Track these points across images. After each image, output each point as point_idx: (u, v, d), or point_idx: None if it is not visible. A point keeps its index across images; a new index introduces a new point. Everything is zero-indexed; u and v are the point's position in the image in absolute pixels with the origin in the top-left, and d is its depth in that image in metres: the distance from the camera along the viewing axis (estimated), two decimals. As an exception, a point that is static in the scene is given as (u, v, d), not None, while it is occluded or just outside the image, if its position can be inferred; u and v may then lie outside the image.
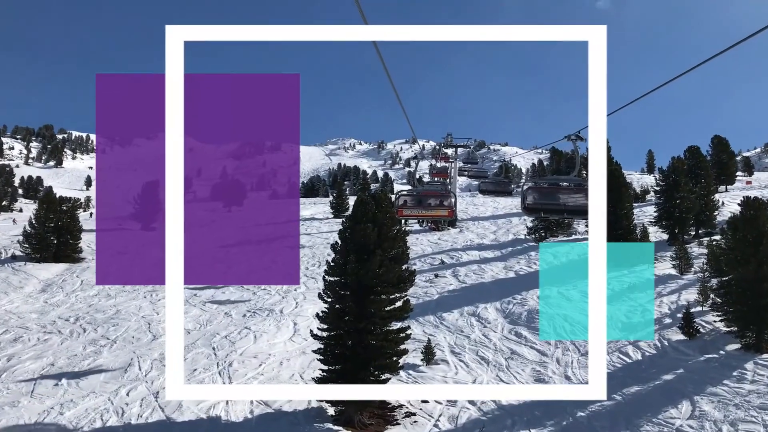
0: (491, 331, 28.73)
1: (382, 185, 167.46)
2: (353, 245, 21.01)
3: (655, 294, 30.80)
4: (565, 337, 27.04)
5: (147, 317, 31.55)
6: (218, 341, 27.21)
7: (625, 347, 25.26)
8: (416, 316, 31.10)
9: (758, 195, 60.13)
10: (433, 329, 29.49)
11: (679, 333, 25.41)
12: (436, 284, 37.30)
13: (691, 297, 29.19)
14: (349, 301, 20.55)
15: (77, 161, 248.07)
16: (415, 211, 20.33)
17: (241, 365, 24.34)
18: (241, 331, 28.49)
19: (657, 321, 27.28)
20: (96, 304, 34.65)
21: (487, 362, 25.28)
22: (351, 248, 20.93)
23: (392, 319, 21.34)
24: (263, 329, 28.87)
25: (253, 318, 30.99)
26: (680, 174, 40.94)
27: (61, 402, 20.32)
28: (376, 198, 21.91)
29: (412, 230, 56.85)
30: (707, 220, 42.11)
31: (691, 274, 33.54)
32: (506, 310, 31.08)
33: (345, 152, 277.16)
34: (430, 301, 33.89)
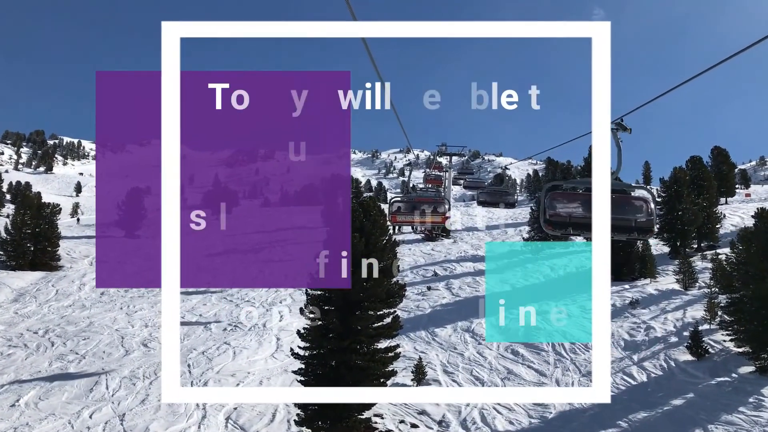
0: (486, 348, 27.05)
1: (375, 194, 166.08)
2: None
3: (659, 310, 29.26)
4: (564, 356, 25.41)
5: (121, 330, 29.70)
6: (194, 358, 25.41)
7: (629, 368, 23.65)
8: (407, 332, 29.42)
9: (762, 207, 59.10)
10: (425, 346, 27.78)
11: (686, 353, 23.81)
12: (429, 297, 35.61)
13: (698, 314, 27.64)
14: (333, 317, 18.89)
15: (68, 167, 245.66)
16: (408, 217, 19.25)
17: (216, 385, 22.55)
18: (220, 347, 26.70)
19: (662, 339, 25.70)
20: (69, 316, 32.75)
21: (482, 383, 23.60)
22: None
23: (380, 336, 19.68)
24: (244, 344, 27.09)
25: (234, 332, 29.19)
26: (683, 185, 39.51)
27: (15, 426, 18.50)
28: (364, 205, 20.28)
29: (404, 240, 55.21)
30: (710, 233, 40.65)
31: (695, 290, 32.02)
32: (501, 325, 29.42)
33: (339, 161, 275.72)
34: (422, 316, 32.20)
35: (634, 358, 24.38)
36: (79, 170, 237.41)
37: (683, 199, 39.13)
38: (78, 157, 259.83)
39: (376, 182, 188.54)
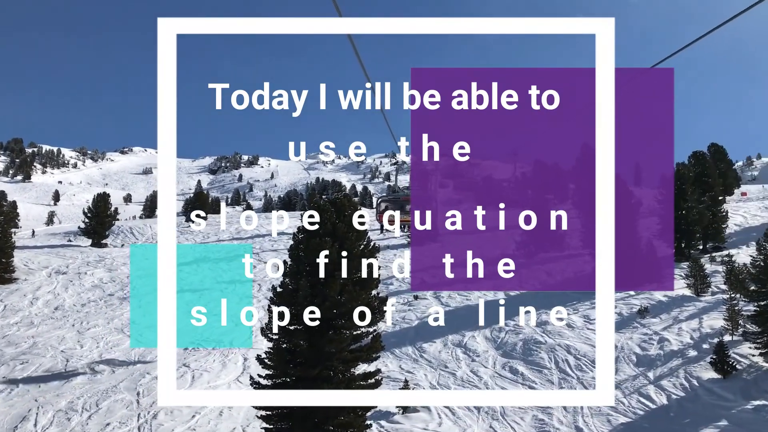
0: (481, 366, 23.97)
1: (360, 199, 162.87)
2: (307, 266, 16.21)
3: (671, 319, 26.32)
4: (570, 375, 22.38)
5: (67, 352, 26.18)
6: (146, 384, 22.01)
7: (645, 387, 20.63)
8: (392, 348, 26.27)
9: (761, 206, 56.82)
10: (412, 364, 24.61)
11: (710, 369, 20.86)
12: (416, 308, 32.46)
13: (716, 323, 24.75)
14: (301, 339, 15.68)
15: (47, 176, 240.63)
16: (395, 216, 19.61)
17: (168, 417, 19.20)
18: (178, 369, 23.34)
19: (679, 354, 22.74)
20: (11, 335, 29.11)
21: (477, 407, 20.47)
22: (303, 270, 16.12)
23: (358, 361, 16.51)
24: (205, 366, 23.76)
25: (196, 352, 25.81)
26: (687, 182, 36.72)
27: None
28: (337, 204, 17.10)
29: (390, 245, 52.07)
30: (716, 233, 37.90)
31: (708, 295, 29.18)
32: (498, 340, 26.37)
33: (324, 166, 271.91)
34: (408, 329, 29.05)
35: (650, 376, 21.39)
36: (59, 178, 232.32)
37: (687, 197, 36.35)
38: (57, 165, 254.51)
39: (361, 187, 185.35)
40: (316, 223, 16.36)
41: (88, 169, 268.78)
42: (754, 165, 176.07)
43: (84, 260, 47.17)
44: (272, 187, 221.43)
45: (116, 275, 42.09)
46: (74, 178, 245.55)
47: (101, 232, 56.08)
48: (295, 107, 28.29)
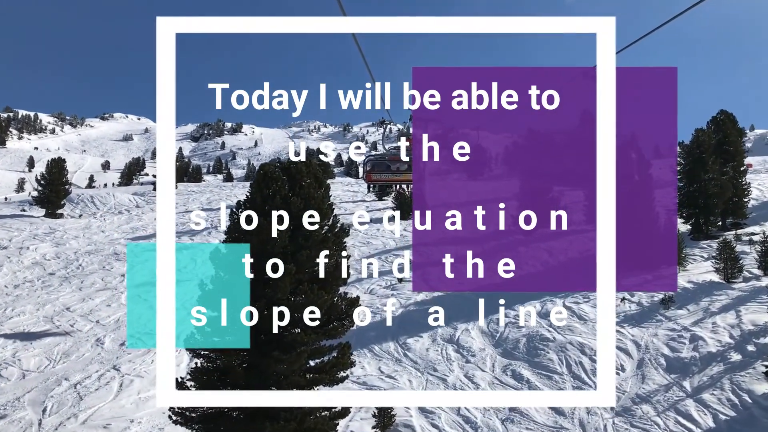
0: (477, 368, 19.79)
1: (346, 169, 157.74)
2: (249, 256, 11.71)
3: (701, 312, 22.19)
4: (587, 383, 18.26)
5: (-23, 350, 21.60)
6: (60, 394, 17.56)
7: (682, 402, 16.52)
8: (370, 344, 22.06)
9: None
10: (394, 366, 20.34)
11: (763, 381, 16.81)
12: (400, 292, 28.16)
13: (758, 317, 20.66)
14: (234, 360, 11.28)
15: (23, 141, 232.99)
16: (383, 176, 19.72)
17: (76, 446, 14.83)
18: (104, 375, 18.90)
19: (719, 357, 18.64)
20: None
21: (474, 426, 16.32)
22: (240, 261, 11.62)
23: (319, 384, 12.18)
24: (139, 371, 19.33)
25: (131, 351, 21.31)
26: (707, 150, 32.34)
27: None
28: (292, 171, 12.53)
29: (372, 219, 47.49)
30: (737, 208, 33.71)
31: (740, 281, 25.09)
32: (496, 334, 22.19)
33: (309, 135, 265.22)
34: (390, 319, 24.68)
35: (686, 387, 17.29)
36: (35, 144, 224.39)
37: (708, 168, 32.04)
38: (35, 131, 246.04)
39: (346, 156, 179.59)
40: (260, 197, 11.84)
41: (67, 135, 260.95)
42: (747, 137, 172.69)
43: (31, 233, 42.22)
44: (256, 156, 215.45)
45: (62, 251, 37.27)
46: (51, 144, 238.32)
47: (56, 201, 50.95)
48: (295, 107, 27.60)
